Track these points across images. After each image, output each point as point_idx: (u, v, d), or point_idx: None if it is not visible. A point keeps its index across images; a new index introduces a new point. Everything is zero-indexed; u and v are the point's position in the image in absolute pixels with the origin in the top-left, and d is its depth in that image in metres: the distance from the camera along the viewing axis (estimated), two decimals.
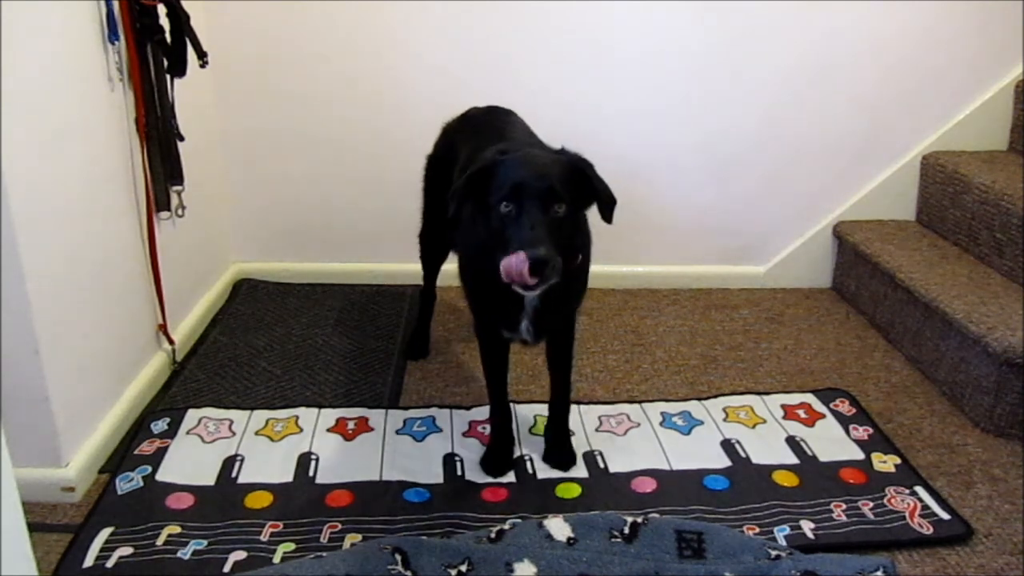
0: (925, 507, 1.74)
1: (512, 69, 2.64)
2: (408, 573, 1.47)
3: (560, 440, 1.91)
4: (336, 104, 2.69)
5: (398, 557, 1.48)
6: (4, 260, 1.55)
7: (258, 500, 1.74)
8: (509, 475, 1.84)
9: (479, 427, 2.01)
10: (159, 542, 1.60)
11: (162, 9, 2.01)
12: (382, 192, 2.77)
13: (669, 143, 2.75)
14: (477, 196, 1.58)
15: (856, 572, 1.48)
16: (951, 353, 2.20)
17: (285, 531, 1.65)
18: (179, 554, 1.58)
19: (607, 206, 1.60)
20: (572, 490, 1.80)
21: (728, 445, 1.96)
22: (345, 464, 1.86)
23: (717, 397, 2.18)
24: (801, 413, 2.11)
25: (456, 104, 2.20)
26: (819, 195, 2.84)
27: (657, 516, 1.62)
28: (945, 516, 1.71)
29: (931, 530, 1.68)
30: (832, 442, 1.98)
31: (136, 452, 1.89)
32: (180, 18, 2.05)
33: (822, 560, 1.50)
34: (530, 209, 1.49)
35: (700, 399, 2.17)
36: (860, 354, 2.46)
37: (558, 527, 1.57)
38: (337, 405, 2.11)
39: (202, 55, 2.13)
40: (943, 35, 2.66)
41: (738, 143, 2.76)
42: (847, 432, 2.02)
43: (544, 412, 1.96)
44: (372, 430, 2.00)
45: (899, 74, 2.70)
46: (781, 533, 1.66)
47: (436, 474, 1.84)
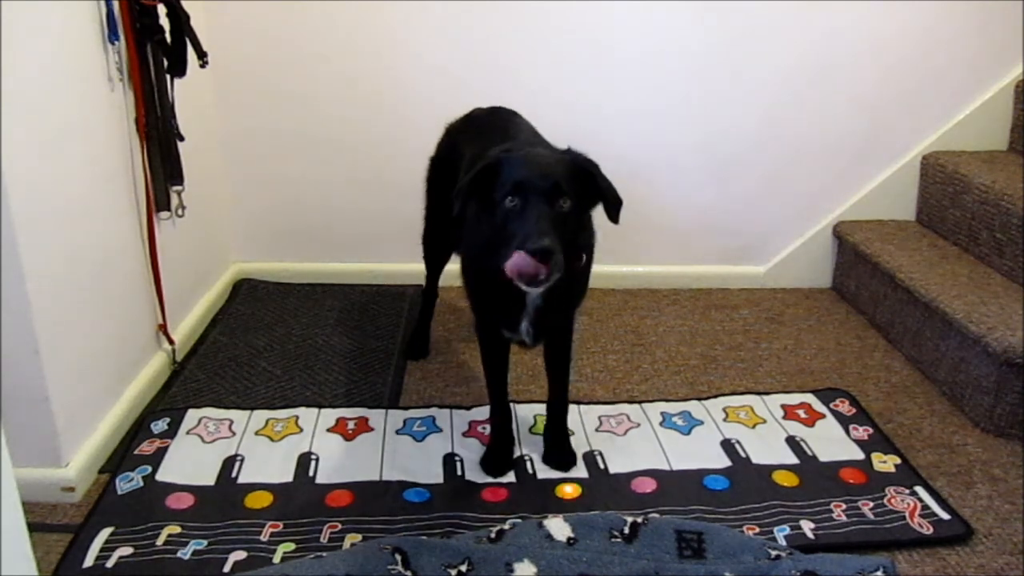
0: (925, 507, 1.74)
1: (512, 69, 2.64)
2: (408, 573, 1.47)
3: (559, 441, 1.91)
4: (336, 104, 2.68)
5: (398, 557, 1.48)
6: (4, 260, 1.55)
7: (258, 500, 1.74)
8: (509, 475, 1.84)
9: (479, 427, 2.01)
10: (159, 542, 1.60)
11: (162, 9, 2.01)
12: (382, 192, 2.77)
13: (669, 143, 2.75)
14: (481, 194, 1.58)
15: (856, 572, 1.48)
16: (951, 353, 2.20)
17: (285, 531, 1.65)
18: (179, 554, 1.58)
19: (613, 207, 1.60)
20: (572, 490, 1.80)
21: (728, 445, 1.96)
22: (345, 464, 1.86)
23: (717, 397, 2.18)
24: (801, 413, 2.11)
25: (456, 104, 2.20)
26: (819, 195, 2.85)
27: (657, 516, 1.62)
28: (945, 516, 1.71)
29: (931, 530, 1.68)
30: (832, 442, 1.98)
31: (136, 452, 1.89)
32: (180, 18, 2.05)
33: (822, 560, 1.50)
34: (535, 203, 1.49)
35: (700, 399, 2.17)
36: (860, 354, 2.46)
37: (558, 527, 1.57)
38: (337, 405, 2.11)
39: (202, 55, 2.13)
40: (943, 35, 2.66)
41: (738, 143, 2.76)
42: (847, 432, 2.02)
43: (545, 412, 1.96)
44: (372, 430, 2.00)
45: (899, 74, 2.70)
46: (781, 533, 1.66)
47: (436, 474, 1.84)
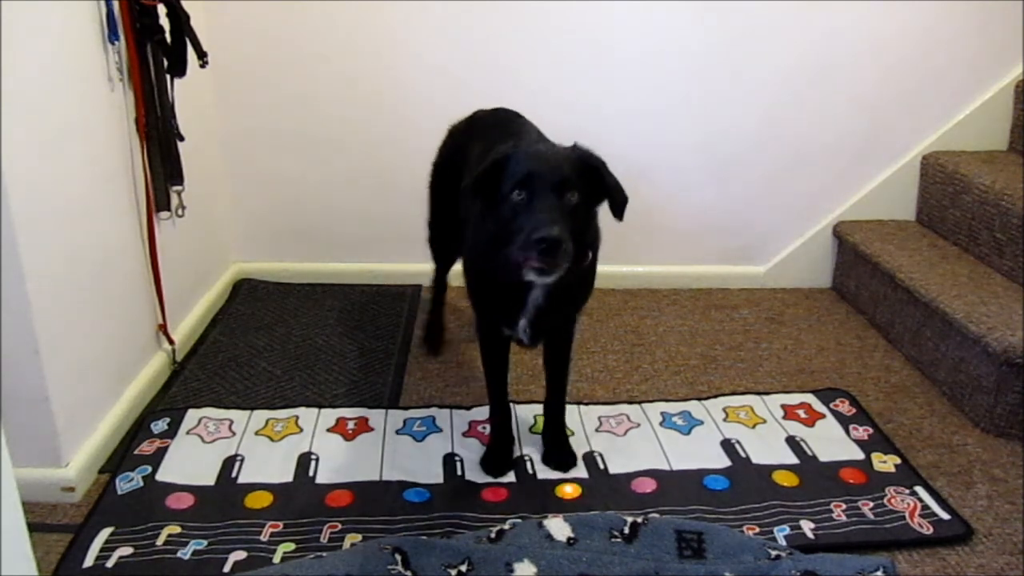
0: (925, 507, 1.74)
1: (512, 69, 2.64)
2: (408, 573, 1.47)
3: (559, 441, 1.91)
4: (336, 104, 2.68)
5: (398, 557, 1.48)
6: (4, 260, 1.55)
7: (258, 500, 1.74)
8: (509, 475, 1.84)
9: (479, 427, 2.01)
10: (159, 542, 1.60)
11: (162, 9, 2.01)
12: (382, 192, 2.77)
13: (669, 143, 2.75)
14: (488, 191, 1.58)
15: (856, 572, 1.48)
16: (951, 353, 2.20)
17: (285, 531, 1.65)
18: (179, 554, 1.57)
19: (619, 204, 1.60)
20: (572, 490, 1.80)
21: (728, 445, 1.96)
22: (345, 464, 1.86)
23: (717, 397, 2.18)
24: (801, 413, 2.11)
25: (456, 104, 2.20)
26: (819, 195, 2.84)
27: (657, 516, 1.62)
28: (945, 516, 1.71)
29: (931, 530, 1.68)
30: (832, 442, 1.98)
31: (136, 452, 1.89)
32: (180, 18, 2.05)
33: (822, 560, 1.50)
34: (544, 195, 1.49)
35: (700, 399, 2.17)
36: (860, 354, 2.46)
37: (558, 527, 1.57)
38: (337, 405, 2.11)
39: (202, 55, 2.13)
40: (943, 35, 2.66)
41: (738, 143, 2.76)
42: (847, 432, 2.02)
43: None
44: (372, 430, 2.00)
45: (899, 74, 2.70)
46: (781, 533, 1.66)
47: (436, 474, 1.84)
